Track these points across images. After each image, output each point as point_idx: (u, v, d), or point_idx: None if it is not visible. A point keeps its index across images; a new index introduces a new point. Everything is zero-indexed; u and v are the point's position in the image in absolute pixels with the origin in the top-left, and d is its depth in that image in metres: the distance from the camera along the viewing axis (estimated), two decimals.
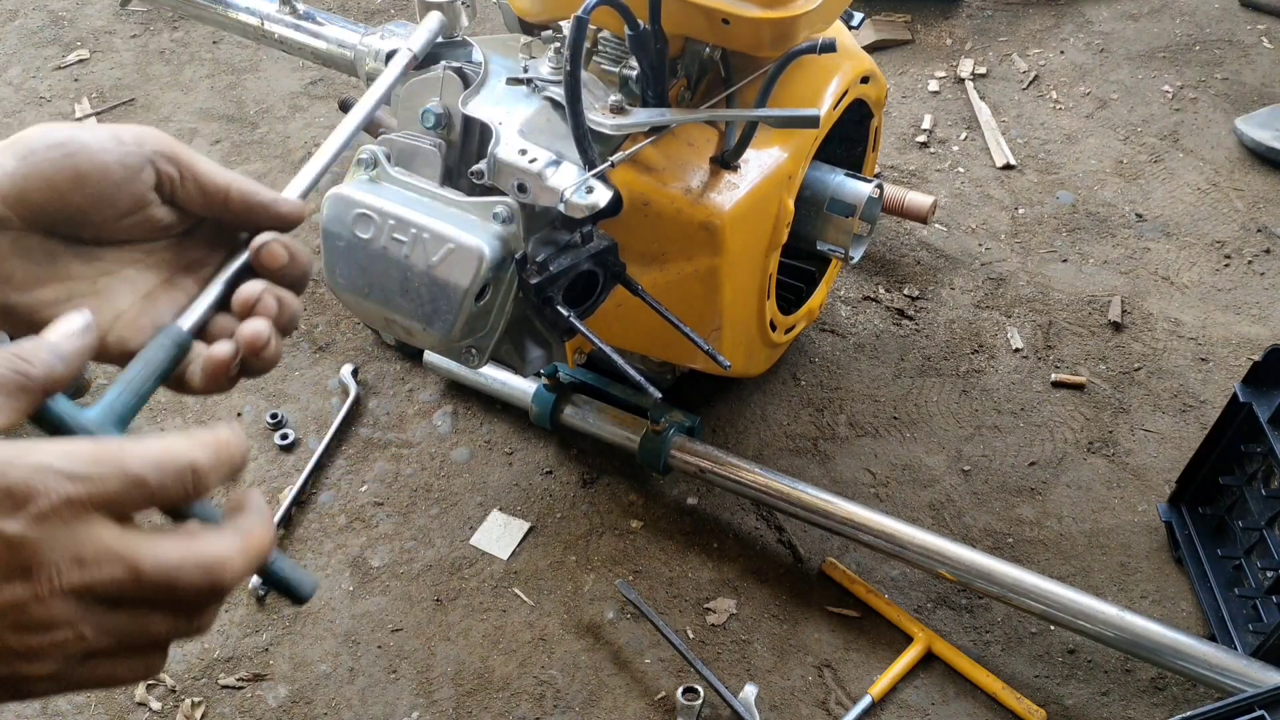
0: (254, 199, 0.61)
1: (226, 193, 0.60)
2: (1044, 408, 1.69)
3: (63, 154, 0.55)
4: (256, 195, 0.61)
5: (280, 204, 0.62)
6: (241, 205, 0.61)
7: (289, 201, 0.63)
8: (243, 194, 0.61)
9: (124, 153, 0.56)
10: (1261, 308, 1.83)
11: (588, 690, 1.38)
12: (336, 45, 1.73)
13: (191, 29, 2.58)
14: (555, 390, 1.60)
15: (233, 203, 0.61)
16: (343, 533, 1.57)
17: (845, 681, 1.38)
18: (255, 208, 0.61)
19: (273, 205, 0.62)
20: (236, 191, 0.60)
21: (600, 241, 1.17)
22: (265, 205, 0.62)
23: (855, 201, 1.43)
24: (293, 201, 0.63)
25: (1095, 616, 1.28)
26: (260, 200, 0.61)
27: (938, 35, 2.49)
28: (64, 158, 0.55)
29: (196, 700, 1.39)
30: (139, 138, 0.58)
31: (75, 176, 0.55)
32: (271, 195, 0.62)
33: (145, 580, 0.47)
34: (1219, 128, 2.18)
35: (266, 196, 0.62)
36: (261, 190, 0.61)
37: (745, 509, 1.57)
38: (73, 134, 0.56)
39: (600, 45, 1.32)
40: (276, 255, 0.60)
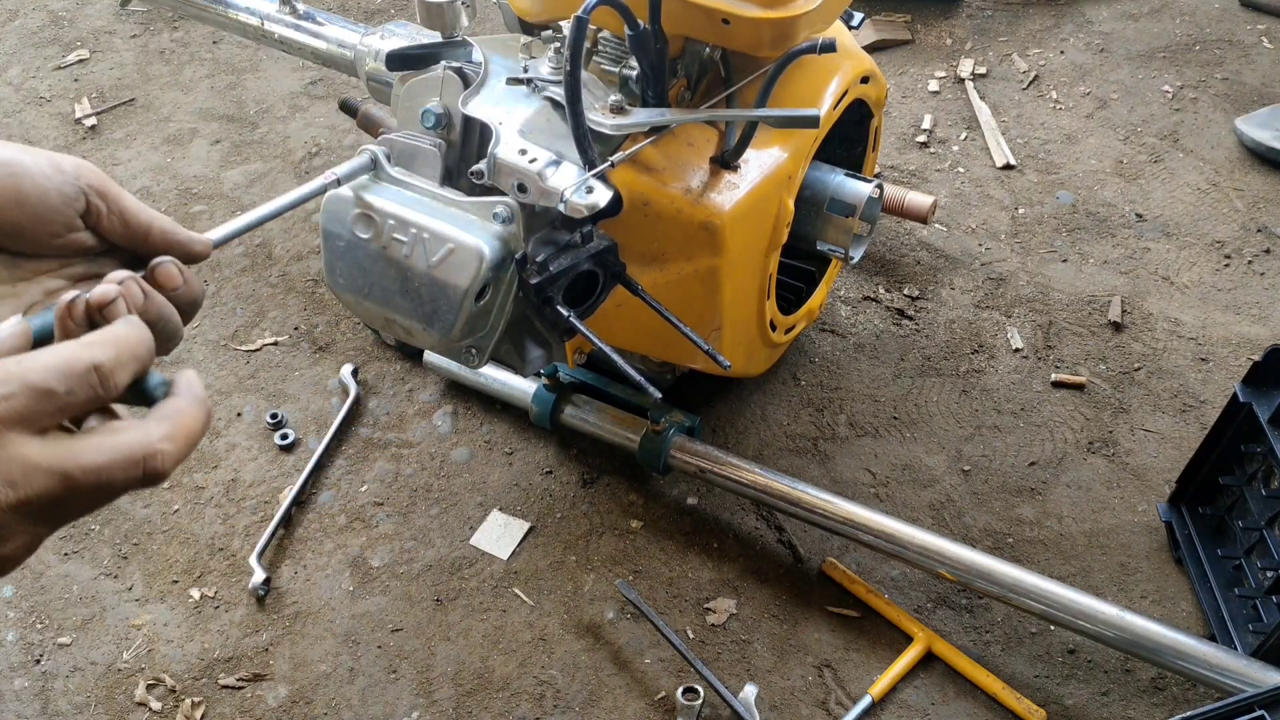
0: (172, 237, 0.67)
1: (147, 230, 0.66)
2: (1044, 408, 1.69)
3: (7, 173, 0.60)
4: (175, 234, 0.67)
5: (194, 243, 0.69)
6: (161, 241, 0.67)
7: (201, 240, 0.69)
8: (162, 232, 0.67)
9: (62, 182, 0.62)
10: (1261, 308, 1.83)
11: (588, 690, 1.38)
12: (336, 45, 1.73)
13: (191, 29, 2.58)
14: (555, 390, 1.60)
15: (152, 238, 0.67)
16: (343, 533, 1.57)
17: (845, 681, 1.38)
18: (172, 245, 0.68)
19: (188, 244, 0.68)
20: (157, 229, 0.67)
21: (600, 241, 1.17)
22: (181, 243, 0.68)
23: (855, 201, 1.43)
24: (204, 240, 0.70)
25: (1095, 616, 1.28)
26: (177, 239, 0.68)
27: (938, 35, 2.49)
28: (9, 177, 0.60)
29: (196, 700, 1.39)
30: (76, 170, 0.63)
31: (16, 197, 0.60)
32: (187, 235, 0.68)
33: (78, 486, 0.49)
34: (1219, 128, 2.18)
35: (183, 236, 0.68)
36: (179, 230, 0.68)
37: (745, 509, 1.57)
38: (18, 157, 0.61)
39: (600, 45, 1.32)
40: (171, 276, 0.65)
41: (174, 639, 1.45)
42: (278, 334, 1.87)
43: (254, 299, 1.93)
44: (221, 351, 1.84)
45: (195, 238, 0.69)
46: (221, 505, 1.61)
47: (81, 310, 0.58)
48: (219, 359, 1.82)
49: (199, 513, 1.60)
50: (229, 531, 1.57)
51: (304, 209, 2.09)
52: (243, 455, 1.68)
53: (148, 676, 1.42)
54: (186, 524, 1.59)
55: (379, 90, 1.57)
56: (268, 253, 2.02)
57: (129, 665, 1.43)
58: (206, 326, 1.88)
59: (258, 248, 2.02)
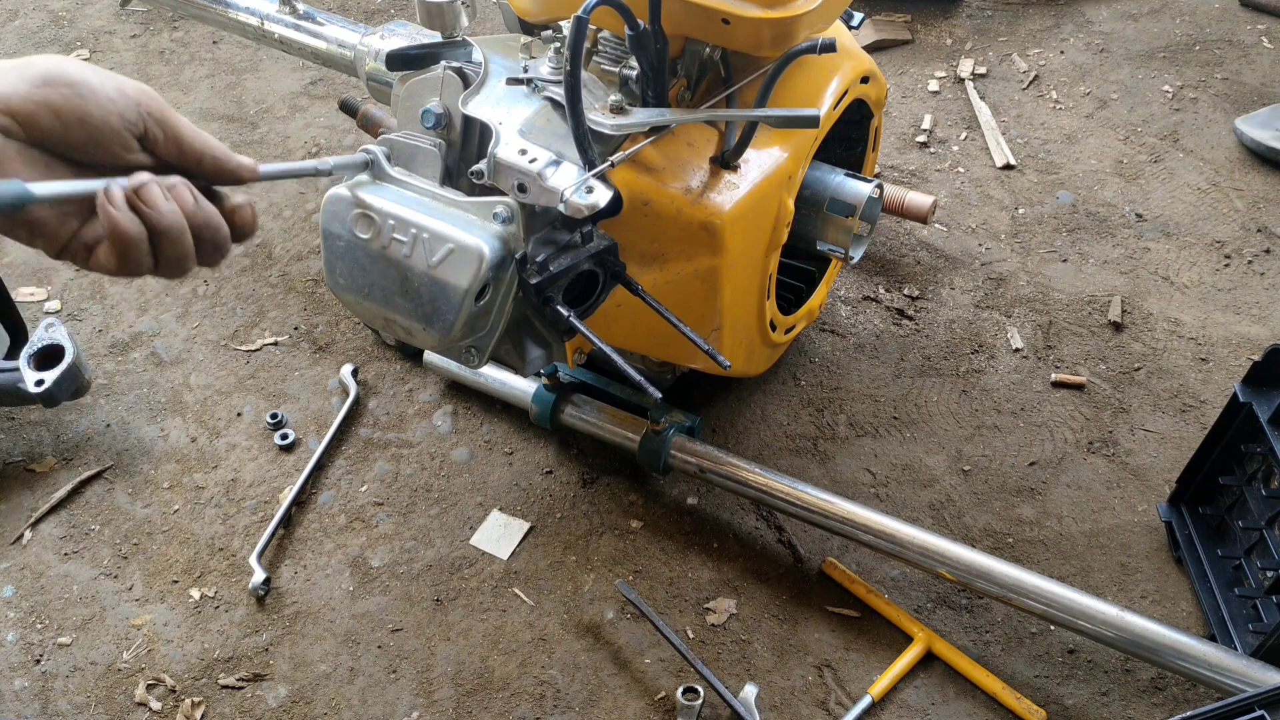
0: (224, 163, 0.75)
1: (200, 156, 0.73)
2: (1044, 408, 1.69)
3: (75, 93, 0.65)
4: (226, 161, 0.75)
5: (243, 169, 0.76)
6: (212, 166, 0.74)
7: (249, 167, 0.77)
8: (214, 159, 0.74)
9: (125, 106, 0.68)
10: (1261, 308, 1.83)
11: (588, 690, 1.38)
12: (336, 45, 1.74)
13: (191, 29, 2.58)
14: (555, 390, 1.60)
15: (204, 164, 0.74)
16: (343, 533, 1.57)
17: (845, 681, 1.38)
18: (223, 171, 0.75)
19: (237, 170, 0.76)
20: (209, 157, 0.74)
21: (600, 241, 1.17)
22: (231, 170, 0.75)
23: (855, 201, 1.43)
24: (252, 166, 0.77)
25: (1095, 616, 1.28)
26: (229, 165, 0.75)
27: (938, 35, 2.49)
28: (76, 97, 0.65)
29: (196, 700, 1.39)
30: (139, 96, 0.69)
31: (81, 116, 0.66)
32: (237, 162, 0.76)
33: None
34: (1219, 128, 2.18)
35: (234, 163, 0.76)
36: (231, 157, 0.75)
37: (745, 509, 1.57)
38: (86, 77, 0.66)
39: (600, 45, 1.32)
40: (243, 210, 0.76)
41: (174, 639, 1.45)
42: (278, 334, 1.87)
43: (254, 299, 1.93)
44: (221, 351, 1.84)
45: (245, 164, 0.76)
46: (221, 505, 1.61)
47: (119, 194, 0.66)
48: (219, 359, 1.82)
49: (199, 513, 1.60)
50: (229, 531, 1.57)
51: (304, 209, 2.09)
52: (243, 455, 1.68)
53: (148, 676, 1.42)
54: (186, 524, 1.59)
55: (379, 90, 1.57)
56: (268, 253, 2.02)
57: (129, 665, 1.43)
58: (206, 326, 1.88)
59: (258, 248, 2.02)
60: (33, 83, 0.64)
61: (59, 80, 0.65)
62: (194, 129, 0.73)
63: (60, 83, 0.65)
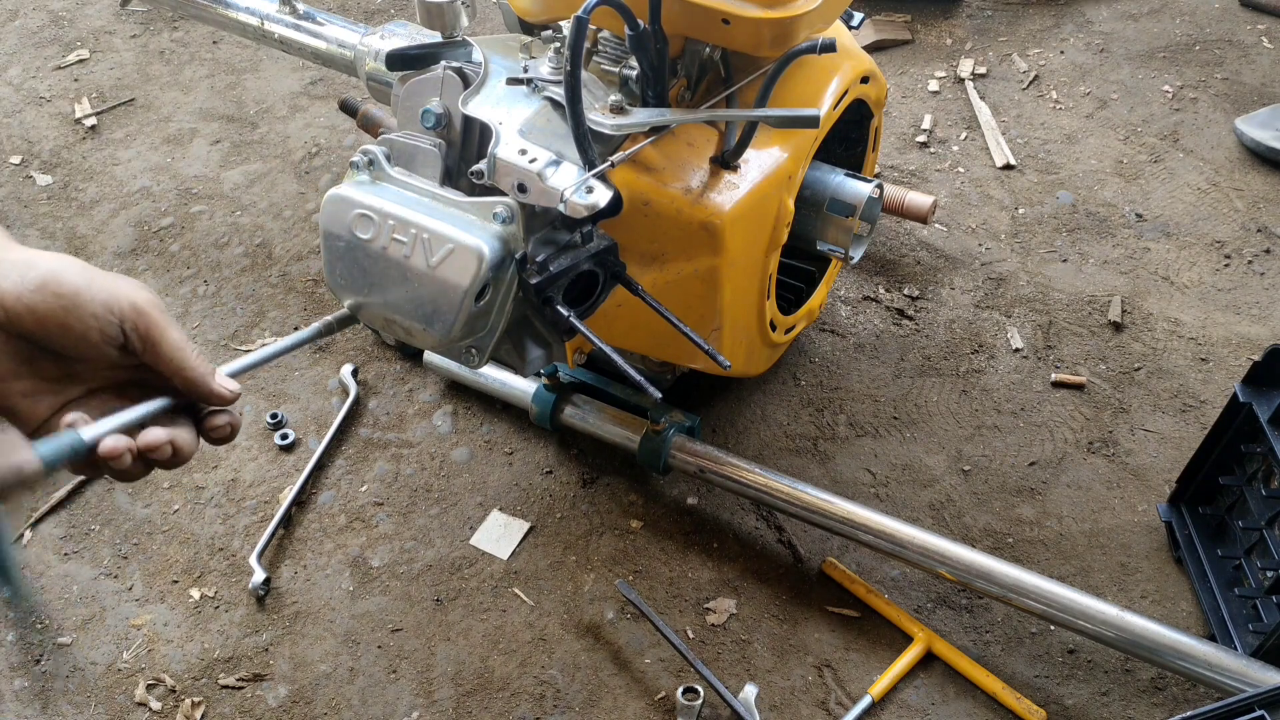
0: (199, 386, 0.75)
1: (176, 374, 0.74)
2: (1044, 408, 1.69)
3: (60, 305, 0.68)
4: (201, 383, 0.75)
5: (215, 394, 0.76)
6: (185, 389, 0.75)
7: (224, 391, 0.76)
8: (187, 381, 0.74)
9: (108, 322, 0.69)
10: (1261, 308, 1.83)
11: (588, 690, 1.38)
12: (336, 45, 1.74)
13: (191, 29, 2.58)
14: (555, 390, 1.60)
15: (178, 384, 0.74)
16: (343, 533, 1.57)
17: (845, 681, 1.38)
18: (201, 392, 0.75)
19: (216, 394, 0.76)
20: (182, 379, 0.74)
21: (600, 241, 1.17)
22: (209, 393, 0.76)
23: (855, 201, 1.43)
24: (228, 390, 0.77)
25: (1095, 616, 1.28)
26: (207, 388, 0.75)
27: (938, 35, 2.49)
28: (60, 309, 0.68)
29: (196, 700, 1.39)
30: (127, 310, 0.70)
31: (63, 326, 0.68)
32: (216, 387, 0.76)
33: None
34: (1219, 128, 2.18)
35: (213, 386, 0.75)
36: (205, 377, 0.75)
37: (745, 509, 1.57)
38: (78, 288, 0.68)
39: (600, 45, 1.32)
40: (220, 429, 0.77)
41: (174, 639, 1.45)
42: (278, 334, 1.87)
43: (254, 299, 1.93)
44: (221, 351, 1.84)
45: (220, 389, 0.76)
46: (221, 505, 1.61)
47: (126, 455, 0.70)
48: (219, 359, 1.82)
49: (199, 513, 1.60)
50: (229, 531, 1.57)
51: (304, 209, 2.09)
52: (243, 455, 1.68)
53: (148, 676, 1.42)
54: (186, 524, 1.59)
55: (379, 90, 1.57)
56: (268, 253, 2.02)
57: (129, 665, 1.43)
58: (206, 326, 1.88)
59: (258, 248, 2.02)
60: (29, 285, 0.67)
61: (52, 288, 0.68)
62: (176, 345, 0.73)
63: (52, 290, 0.68)
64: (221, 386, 0.76)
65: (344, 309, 1.12)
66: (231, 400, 0.77)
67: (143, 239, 2.06)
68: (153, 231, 2.07)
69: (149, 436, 0.72)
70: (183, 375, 0.73)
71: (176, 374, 0.73)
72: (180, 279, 1.97)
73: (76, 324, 0.69)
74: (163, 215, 2.11)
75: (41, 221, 2.10)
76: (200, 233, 2.06)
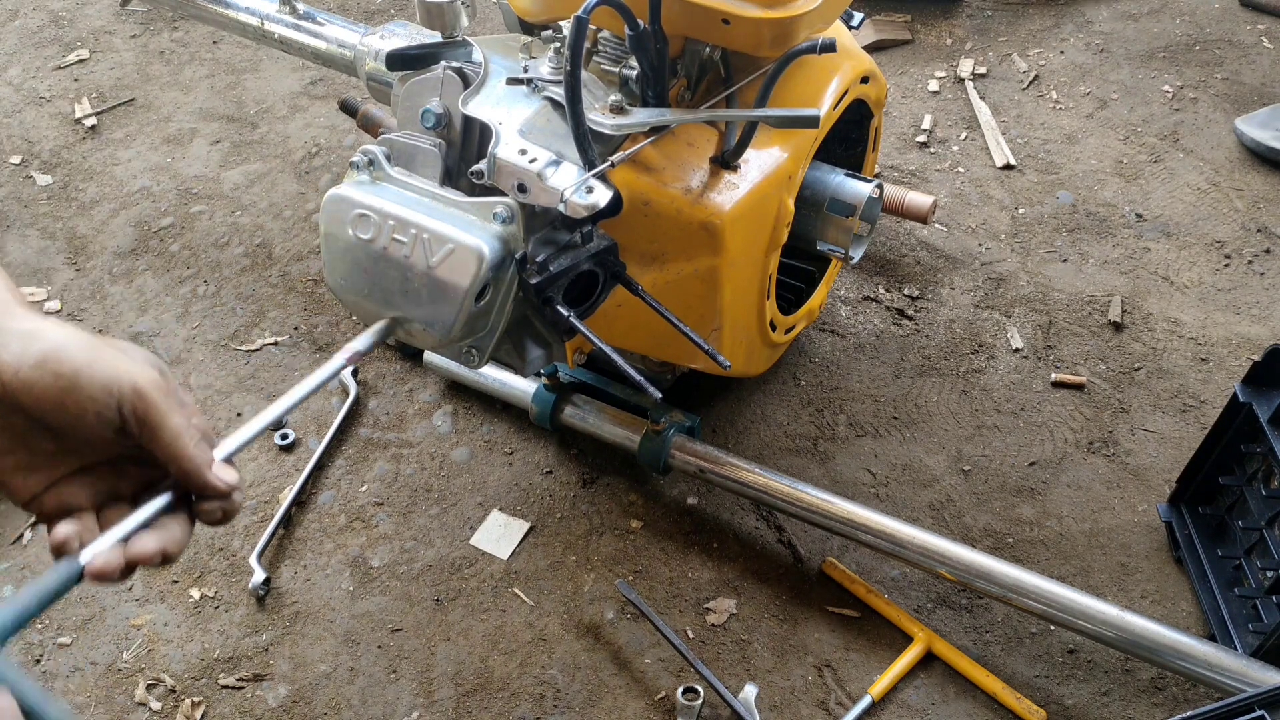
0: (195, 478, 0.72)
1: (171, 463, 0.71)
2: (1044, 408, 1.69)
3: (57, 386, 0.66)
4: (197, 475, 0.72)
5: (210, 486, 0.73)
6: (180, 475, 0.72)
7: (223, 479, 0.74)
8: (184, 472, 0.72)
9: (106, 404, 0.67)
10: (1261, 308, 1.83)
11: (588, 690, 1.38)
12: (336, 45, 1.74)
13: (191, 29, 2.58)
14: (555, 390, 1.60)
15: (175, 473, 0.72)
16: (343, 533, 1.57)
17: (845, 681, 1.38)
18: (196, 483, 0.72)
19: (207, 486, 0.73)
20: (180, 468, 0.71)
21: (600, 241, 1.17)
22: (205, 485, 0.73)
23: (855, 201, 1.43)
24: (227, 478, 0.74)
25: (1095, 616, 1.28)
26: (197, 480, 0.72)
27: (938, 35, 2.49)
28: (57, 390, 0.66)
29: (196, 700, 1.39)
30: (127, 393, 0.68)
31: (59, 404, 0.66)
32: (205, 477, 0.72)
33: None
34: (1219, 128, 2.18)
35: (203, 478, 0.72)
36: (201, 467, 0.72)
37: (745, 509, 1.57)
38: (78, 368, 0.66)
39: (600, 45, 1.32)
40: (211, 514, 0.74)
41: (174, 639, 1.45)
42: (278, 334, 1.87)
43: (254, 299, 1.93)
44: (221, 351, 1.84)
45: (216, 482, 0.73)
46: None
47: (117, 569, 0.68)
48: (219, 359, 1.82)
49: None
50: (229, 531, 1.57)
51: (304, 209, 2.09)
52: (243, 455, 1.67)
53: (148, 676, 1.42)
54: None
55: (379, 90, 1.57)
56: (268, 253, 2.02)
57: (129, 665, 1.43)
58: (206, 326, 1.88)
59: (258, 248, 2.02)
60: (29, 360, 0.65)
61: (52, 366, 0.66)
62: (174, 433, 0.70)
63: (52, 369, 0.66)
64: (218, 478, 0.73)
65: None
66: (227, 493, 0.74)
67: (143, 239, 2.06)
68: (153, 231, 2.07)
69: (139, 546, 0.70)
70: (179, 464, 0.71)
71: (172, 462, 0.71)
72: (180, 279, 1.97)
73: (73, 405, 0.66)
74: (163, 215, 2.11)
75: (41, 221, 2.10)
76: (200, 233, 2.06)
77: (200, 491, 0.73)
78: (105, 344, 0.69)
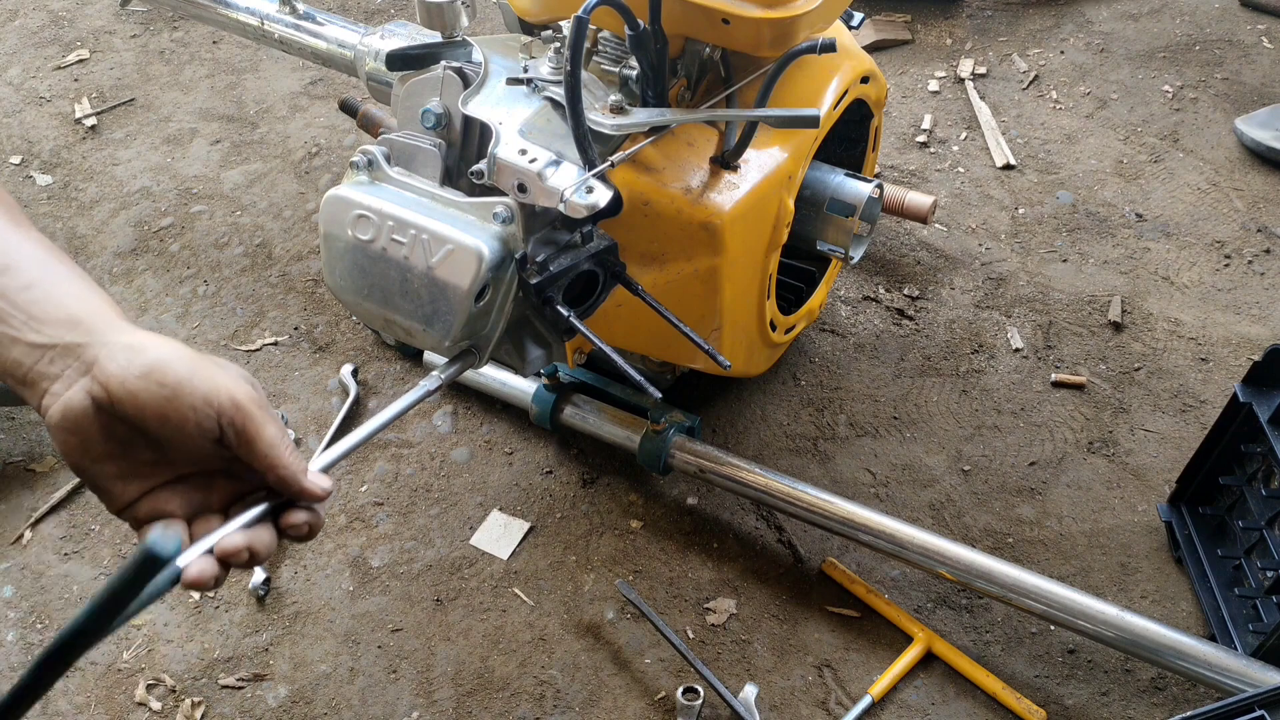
0: (292, 485, 0.75)
1: (269, 471, 0.74)
2: (1044, 408, 1.69)
3: (162, 396, 0.69)
4: (293, 482, 0.75)
5: (307, 491, 0.76)
6: (278, 485, 0.75)
7: (319, 485, 0.76)
8: (280, 479, 0.74)
9: (205, 415, 0.70)
10: (1261, 308, 1.83)
11: (588, 690, 1.38)
12: (336, 45, 1.74)
13: (191, 29, 2.58)
14: (555, 390, 1.60)
15: (271, 480, 0.74)
16: (343, 533, 1.57)
17: (845, 681, 1.38)
18: (293, 490, 0.75)
19: (303, 491, 0.76)
20: (275, 477, 0.74)
21: (600, 241, 1.17)
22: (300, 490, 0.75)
23: (855, 201, 1.43)
24: (321, 484, 0.76)
25: (1095, 616, 1.28)
26: (294, 486, 0.75)
27: (938, 35, 2.49)
28: (163, 400, 0.69)
29: (196, 700, 1.39)
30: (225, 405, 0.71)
31: (161, 417, 0.69)
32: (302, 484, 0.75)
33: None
34: (1219, 128, 2.18)
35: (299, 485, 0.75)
36: (298, 475, 0.75)
37: (745, 509, 1.57)
38: (181, 380, 0.69)
39: (600, 45, 1.32)
40: (298, 527, 0.76)
41: (174, 639, 1.45)
42: (278, 334, 1.87)
43: (254, 299, 1.93)
44: (221, 351, 1.84)
45: (312, 487, 0.76)
46: None
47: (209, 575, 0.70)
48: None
49: None
50: None
51: (304, 209, 2.09)
52: None
53: (148, 676, 1.42)
54: None
55: (379, 90, 1.57)
56: (268, 253, 2.02)
57: (129, 665, 1.43)
58: (206, 326, 1.88)
59: (258, 248, 2.02)
60: (135, 371, 0.68)
61: (156, 377, 0.69)
62: (270, 443, 0.73)
63: (156, 379, 0.69)
64: (313, 485, 0.76)
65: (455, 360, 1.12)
66: (322, 498, 0.77)
67: (143, 239, 2.06)
68: (153, 231, 2.07)
69: (226, 543, 0.72)
70: (275, 473, 0.74)
71: (269, 470, 0.74)
72: (180, 279, 1.97)
73: (175, 415, 0.69)
74: (163, 215, 2.11)
75: (41, 222, 2.10)
76: (200, 233, 2.06)
77: (297, 497, 0.76)
78: (204, 359, 0.72)
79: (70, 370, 0.69)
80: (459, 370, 1.12)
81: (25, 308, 0.69)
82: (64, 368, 0.69)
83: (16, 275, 0.71)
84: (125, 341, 0.70)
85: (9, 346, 0.69)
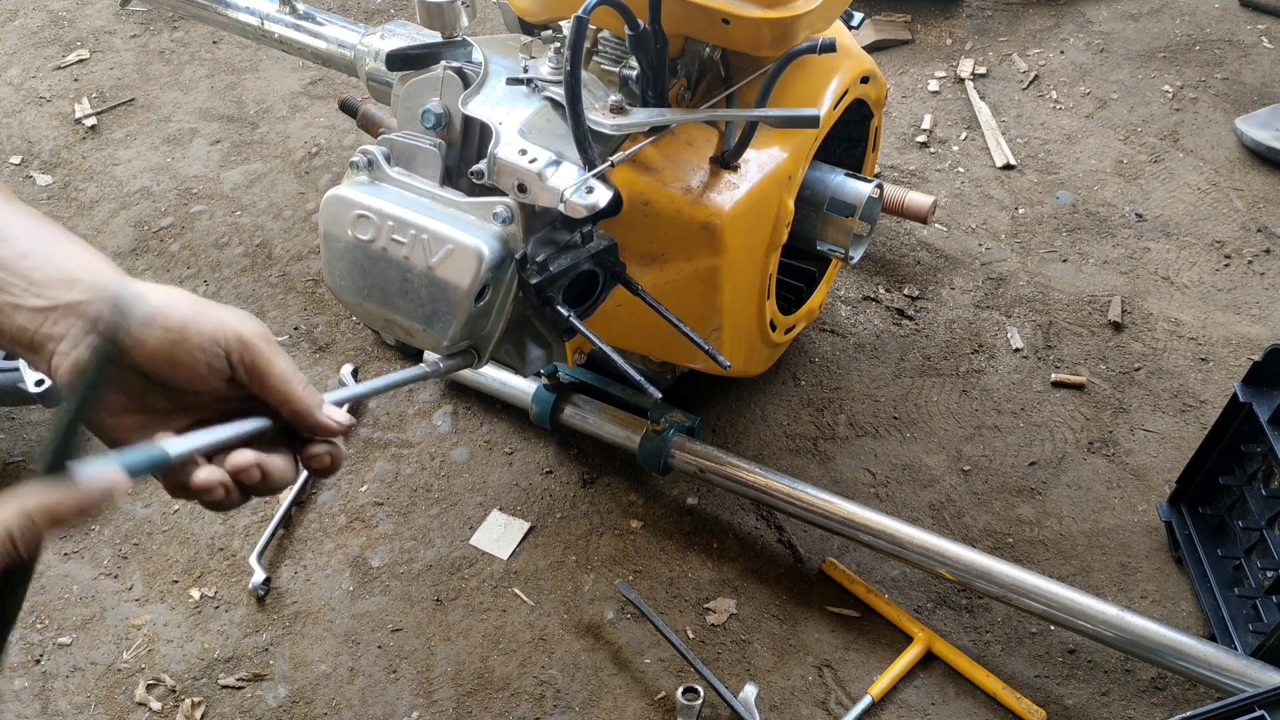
0: (306, 418, 0.75)
1: (283, 405, 0.74)
2: (1044, 408, 1.69)
3: (168, 338, 0.69)
4: (308, 415, 0.74)
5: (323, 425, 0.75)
6: (292, 416, 0.74)
7: (334, 418, 0.76)
8: (294, 413, 0.74)
9: (214, 355, 0.70)
10: (1261, 308, 1.83)
11: (588, 690, 1.38)
12: (336, 45, 1.74)
13: (191, 29, 2.58)
14: (555, 390, 1.60)
15: (287, 413, 0.74)
16: (343, 533, 1.57)
17: (845, 681, 1.38)
18: (309, 423, 0.75)
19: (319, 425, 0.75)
20: (291, 409, 0.74)
21: (600, 241, 1.17)
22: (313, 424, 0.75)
23: (855, 201, 1.43)
24: (338, 417, 0.76)
25: (1095, 616, 1.28)
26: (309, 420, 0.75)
27: (938, 35, 2.49)
28: (170, 344, 0.69)
29: (196, 700, 1.39)
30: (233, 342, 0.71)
31: (171, 360, 0.70)
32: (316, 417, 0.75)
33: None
34: (1219, 128, 2.18)
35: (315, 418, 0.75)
36: (312, 408, 0.74)
37: (745, 509, 1.57)
38: (185, 321, 0.70)
39: (600, 45, 1.32)
40: (319, 458, 0.76)
41: (174, 639, 1.45)
42: (278, 334, 1.87)
43: (254, 299, 1.93)
44: None
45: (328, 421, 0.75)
46: None
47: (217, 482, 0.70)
48: None
49: (199, 513, 1.60)
50: (229, 531, 1.57)
51: (304, 209, 2.09)
52: None
53: (148, 676, 1.42)
54: (186, 524, 1.59)
55: (379, 90, 1.57)
56: (268, 253, 2.02)
57: (129, 665, 1.43)
58: None
59: (258, 248, 2.02)
60: (139, 320, 0.69)
61: (161, 322, 0.69)
62: (283, 376, 0.73)
63: (161, 325, 0.69)
64: (328, 418, 0.76)
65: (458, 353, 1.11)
66: (339, 432, 0.76)
67: (143, 239, 2.06)
68: (153, 231, 2.07)
69: (236, 459, 0.71)
70: (290, 406, 0.74)
71: (284, 405, 0.74)
72: (180, 279, 1.97)
73: (185, 357, 0.70)
74: (163, 215, 2.11)
75: None
76: (200, 233, 2.06)
77: (313, 430, 0.75)
78: (207, 301, 0.72)
79: (75, 329, 0.69)
80: (458, 365, 1.12)
81: (25, 274, 0.69)
82: (69, 327, 0.69)
83: (13, 244, 0.71)
84: (126, 293, 0.70)
85: (12, 314, 0.69)
